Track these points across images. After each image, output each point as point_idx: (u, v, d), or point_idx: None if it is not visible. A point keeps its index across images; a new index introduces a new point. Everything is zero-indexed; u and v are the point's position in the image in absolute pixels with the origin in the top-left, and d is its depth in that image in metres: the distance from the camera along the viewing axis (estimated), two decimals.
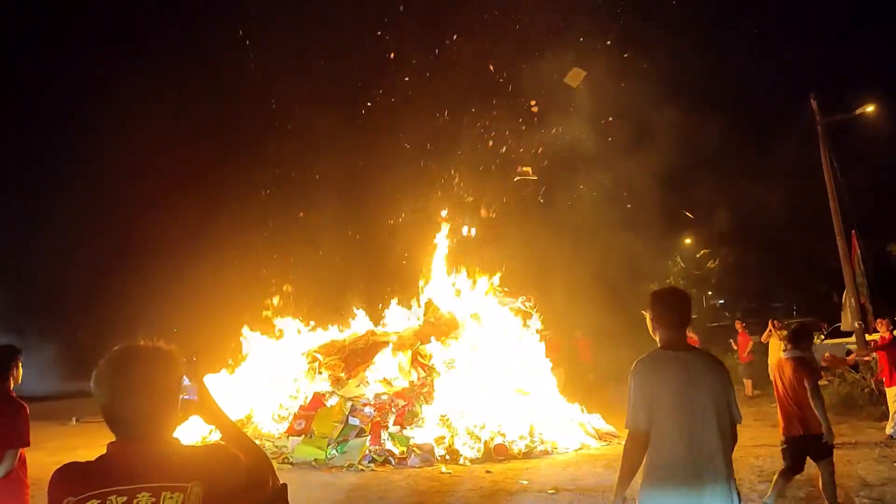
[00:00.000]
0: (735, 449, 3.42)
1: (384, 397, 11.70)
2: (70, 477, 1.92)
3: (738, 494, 3.31)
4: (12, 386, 4.81)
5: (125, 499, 1.83)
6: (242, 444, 2.18)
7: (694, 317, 31.99)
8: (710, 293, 37.22)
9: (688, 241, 37.38)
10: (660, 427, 3.28)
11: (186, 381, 2.13)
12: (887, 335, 11.41)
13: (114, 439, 1.97)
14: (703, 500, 3.20)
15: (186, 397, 2.14)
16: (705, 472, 3.22)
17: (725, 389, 3.40)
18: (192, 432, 10.86)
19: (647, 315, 3.60)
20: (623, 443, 10.26)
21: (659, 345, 3.55)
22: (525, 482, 9.00)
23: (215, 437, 11.51)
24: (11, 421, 4.71)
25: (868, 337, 15.80)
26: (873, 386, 13.68)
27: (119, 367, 1.97)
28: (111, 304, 30.33)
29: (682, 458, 3.23)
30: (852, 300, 18.24)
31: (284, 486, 2.28)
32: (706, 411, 3.28)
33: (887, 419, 11.32)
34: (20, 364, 4.88)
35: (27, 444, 4.71)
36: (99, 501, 1.82)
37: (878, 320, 12.25)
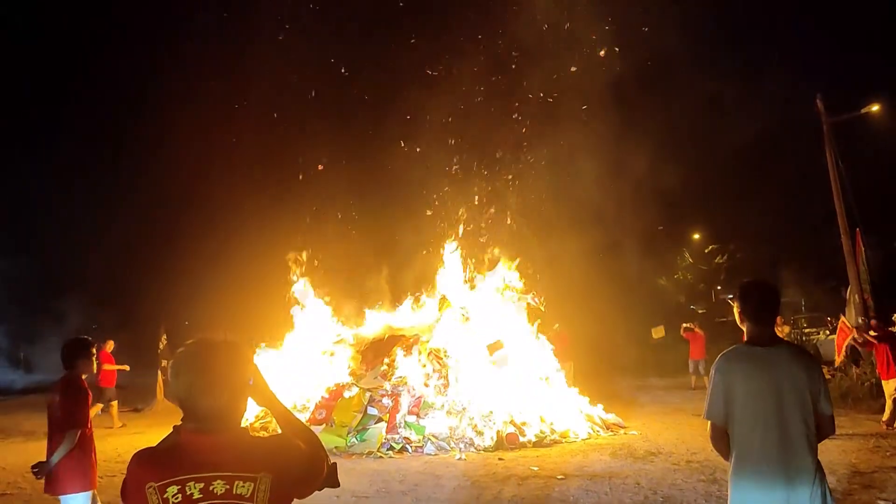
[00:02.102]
0: None
1: (401, 388, 12.23)
2: (149, 463, 2.03)
3: (825, 483, 3.30)
4: (84, 375, 5.36)
5: (202, 485, 1.95)
6: (297, 429, 2.29)
7: (701, 311, 32.40)
8: (719, 288, 37.57)
9: (696, 236, 37.75)
10: (742, 421, 3.33)
11: None
12: (881, 333, 11.94)
13: (178, 425, 2.12)
14: (791, 493, 3.22)
15: None
16: (791, 465, 3.24)
17: (812, 381, 3.35)
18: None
19: (735, 306, 3.63)
20: (629, 433, 10.82)
21: (744, 338, 3.57)
22: (535, 468, 9.51)
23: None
24: (72, 405, 5.24)
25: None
26: (873, 381, 14.11)
27: (198, 364, 2.08)
28: (129, 295, 31.05)
29: (766, 451, 3.26)
30: (856, 297, 18.62)
31: (334, 465, 2.41)
32: (790, 405, 3.28)
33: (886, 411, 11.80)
34: (91, 356, 5.40)
35: (82, 426, 5.19)
36: (178, 487, 1.94)
37: (872, 322, 12.70)
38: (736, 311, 3.63)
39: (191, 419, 2.07)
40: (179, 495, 1.95)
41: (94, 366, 5.47)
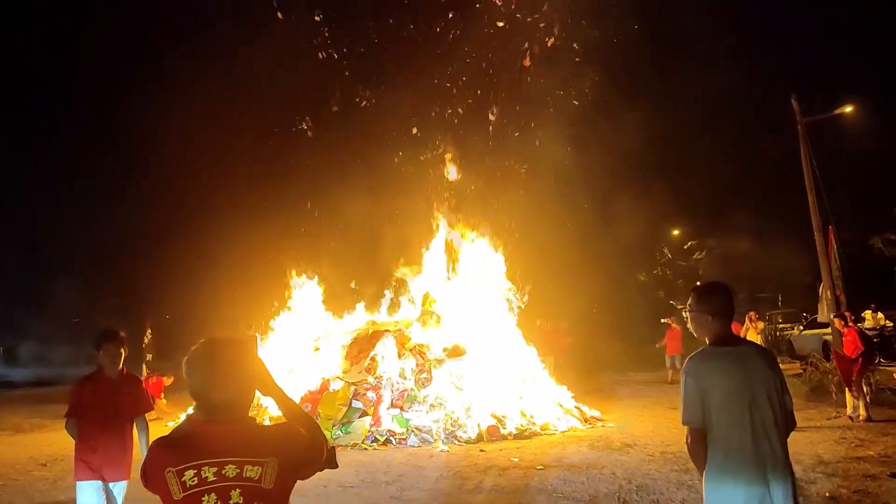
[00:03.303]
0: None
1: (384, 381, 12.50)
2: (168, 449, 2.27)
3: (794, 476, 3.44)
4: (104, 366, 5.32)
5: (216, 469, 2.19)
6: (299, 417, 2.51)
7: (680, 307, 32.89)
8: (697, 283, 38.04)
9: (675, 232, 38.30)
10: (720, 421, 3.39)
11: None
12: (846, 330, 12.36)
13: (190, 415, 2.42)
14: (767, 486, 3.31)
15: None
16: (766, 459, 3.34)
17: (776, 376, 3.48)
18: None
19: (687, 313, 3.68)
20: (607, 425, 11.06)
21: (708, 342, 3.59)
22: (516, 460, 9.83)
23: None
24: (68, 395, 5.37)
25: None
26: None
27: (208, 361, 2.33)
28: (114, 288, 31.03)
29: (745, 448, 3.34)
30: (828, 293, 19.11)
31: (333, 448, 2.65)
32: (761, 401, 3.39)
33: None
34: (101, 347, 5.29)
35: (70, 416, 5.25)
36: (195, 471, 2.19)
37: (835, 318, 13.13)
38: (692, 315, 3.63)
39: (203, 410, 2.32)
40: (195, 478, 2.20)
41: (115, 357, 5.28)
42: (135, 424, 5.42)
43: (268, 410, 11.96)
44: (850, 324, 12.66)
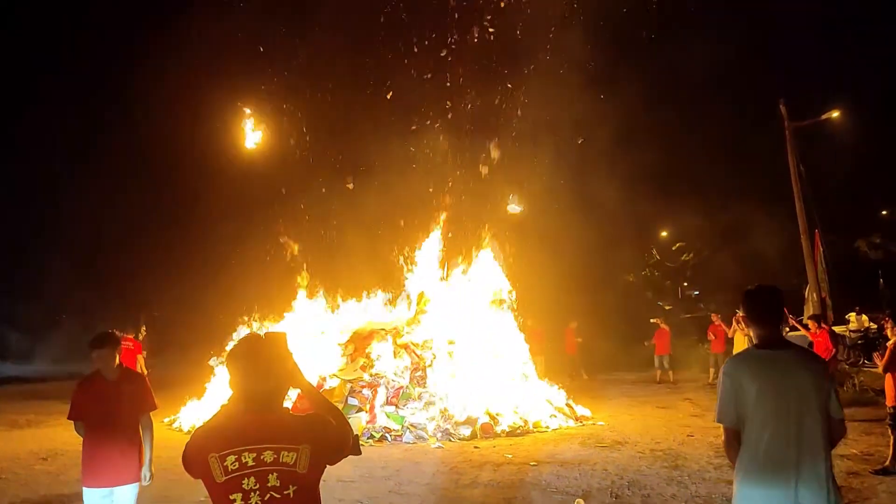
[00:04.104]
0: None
1: (381, 379, 12.70)
2: (210, 437, 2.48)
3: (836, 487, 3.34)
4: (99, 369, 5.15)
5: (255, 455, 2.40)
6: (327, 408, 2.69)
7: (668, 308, 33.22)
8: (685, 284, 38.43)
9: (664, 233, 38.62)
10: (752, 424, 3.38)
11: None
12: (818, 332, 12.67)
13: (226, 405, 2.63)
14: (796, 493, 3.25)
15: None
16: (795, 466, 3.27)
17: (820, 385, 3.40)
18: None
19: (740, 313, 4.01)
20: (597, 423, 11.34)
21: (753, 342, 3.63)
22: (509, 456, 10.06)
23: None
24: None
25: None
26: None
27: (252, 354, 2.55)
28: (104, 288, 30.99)
29: (771, 452, 3.31)
30: (814, 295, 19.49)
31: (357, 437, 2.92)
32: (798, 407, 3.33)
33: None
34: (103, 352, 5.10)
35: (71, 418, 5.19)
36: (235, 457, 2.39)
37: (809, 321, 13.46)
38: (741, 317, 3.89)
39: (243, 401, 2.52)
40: (236, 463, 2.43)
41: (109, 360, 5.09)
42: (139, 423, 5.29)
43: None
44: (823, 325, 12.96)
